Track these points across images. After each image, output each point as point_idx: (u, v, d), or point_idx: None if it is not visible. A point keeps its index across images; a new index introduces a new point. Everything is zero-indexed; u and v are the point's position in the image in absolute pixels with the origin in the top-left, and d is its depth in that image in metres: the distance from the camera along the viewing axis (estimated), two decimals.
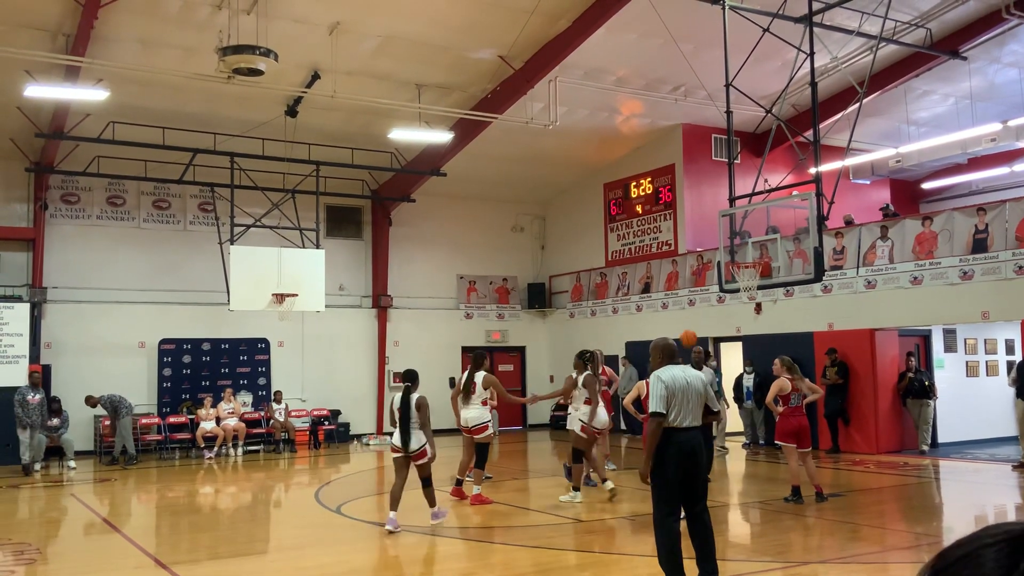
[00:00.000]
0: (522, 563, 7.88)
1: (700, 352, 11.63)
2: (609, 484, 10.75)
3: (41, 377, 15.76)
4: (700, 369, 11.70)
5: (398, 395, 9.19)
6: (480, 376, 11.19)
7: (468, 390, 11.14)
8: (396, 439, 9.11)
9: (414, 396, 9.09)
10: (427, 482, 9.19)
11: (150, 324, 18.59)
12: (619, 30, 15.13)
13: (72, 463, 15.54)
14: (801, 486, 10.35)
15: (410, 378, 9.37)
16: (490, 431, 11.19)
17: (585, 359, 10.94)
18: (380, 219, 21.47)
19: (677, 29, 14.39)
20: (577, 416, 10.78)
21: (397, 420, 9.05)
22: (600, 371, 11.86)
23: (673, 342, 6.80)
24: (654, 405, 6.33)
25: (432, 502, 9.29)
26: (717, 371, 15.77)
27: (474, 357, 11.45)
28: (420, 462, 9.06)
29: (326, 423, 19.40)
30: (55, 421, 15.99)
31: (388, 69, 15.94)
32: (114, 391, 16.68)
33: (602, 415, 10.93)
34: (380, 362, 21.18)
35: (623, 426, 19.23)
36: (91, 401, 16.31)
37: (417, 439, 9.00)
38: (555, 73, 16.11)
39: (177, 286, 19.05)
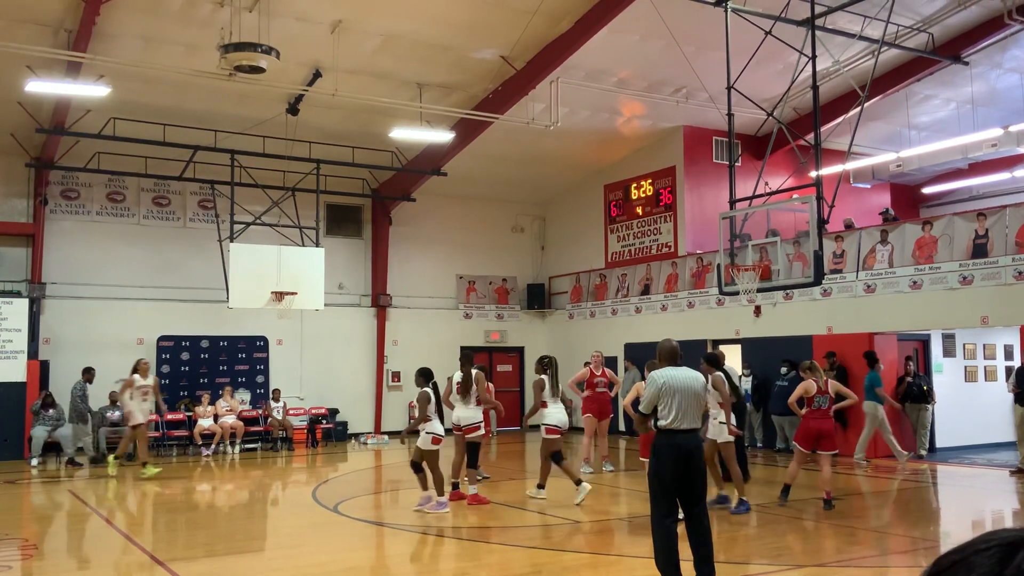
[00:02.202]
0: (518, 563, 7.87)
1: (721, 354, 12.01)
2: (583, 492, 10.46)
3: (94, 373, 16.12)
4: (721, 368, 11.92)
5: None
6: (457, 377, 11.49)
7: (467, 389, 11.21)
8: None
9: None
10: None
11: (149, 321, 18.59)
12: (621, 31, 15.13)
13: (77, 459, 15.54)
14: (792, 487, 10.42)
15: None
16: (481, 431, 11.23)
17: (544, 364, 11.42)
18: (380, 218, 21.46)
19: (679, 31, 14.39)
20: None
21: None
22: (601, 372, 13.74)
23: (676, 344, 6.82)
24: (641, 405, 6.61)
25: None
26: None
27: (462, 357, 11.66)
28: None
29: (324, 422, 19.38)
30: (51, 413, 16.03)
31: (389, 68, 15.94)
32: (113, 388, 16.73)
33: (559, 414, 10.96)
34: (379, 361, 21.18)
35: (621, 427, 19.19)
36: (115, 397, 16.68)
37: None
38: (557, 74, 16.10)
39: (176, 283, 19.04)
